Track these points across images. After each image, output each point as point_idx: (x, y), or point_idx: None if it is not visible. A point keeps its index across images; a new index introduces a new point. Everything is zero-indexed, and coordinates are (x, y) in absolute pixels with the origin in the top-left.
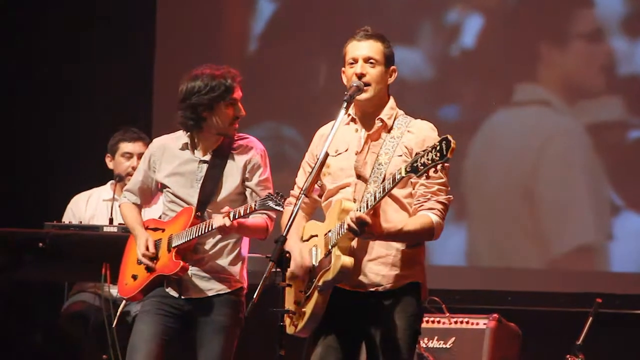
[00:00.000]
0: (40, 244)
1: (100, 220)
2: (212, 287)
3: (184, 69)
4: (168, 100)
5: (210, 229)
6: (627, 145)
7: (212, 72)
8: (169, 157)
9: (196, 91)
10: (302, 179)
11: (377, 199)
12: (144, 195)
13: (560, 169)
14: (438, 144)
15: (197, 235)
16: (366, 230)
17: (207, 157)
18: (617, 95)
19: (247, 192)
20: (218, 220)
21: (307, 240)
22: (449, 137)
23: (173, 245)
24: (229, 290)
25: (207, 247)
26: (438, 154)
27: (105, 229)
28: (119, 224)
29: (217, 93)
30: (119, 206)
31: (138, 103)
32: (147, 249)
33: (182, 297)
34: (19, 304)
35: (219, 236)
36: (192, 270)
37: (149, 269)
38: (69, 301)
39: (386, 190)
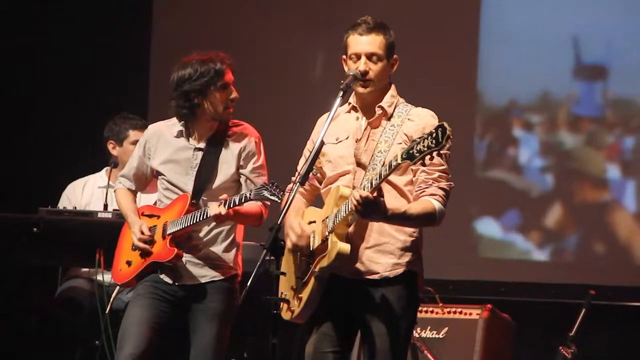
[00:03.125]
0: (35, 229)
1: (96, 208)
2: (206, 274)
3: (180, 53)
4: (164, 85)
5: (205, 217)
6: None
7: (200, 58)
8: (164, 144)
9: (187, 78)
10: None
11: (374, 185)
12: (139, 181)
13: None
14: (434, 130)
15: (192, 222)
16: (370, 209)
17: (202, 145)
18: None
19: (242, 180)
20: (214, 208)
21: None
22: (445, 125)
23: (168, 232)
24: (223, 277)
25: (201, 234)
26: (434, 141)
27: (99, 215)
28: (114, 209)
29: (207, 78)
30: (114, 192)
31: (133, 89)
32: (143, 233)
33: (176, 284)
34: (12, 289)
35: (213, 223)
36: (186, 257)
37: (143, 255)
38: (62, 286)
39: (382, 177)
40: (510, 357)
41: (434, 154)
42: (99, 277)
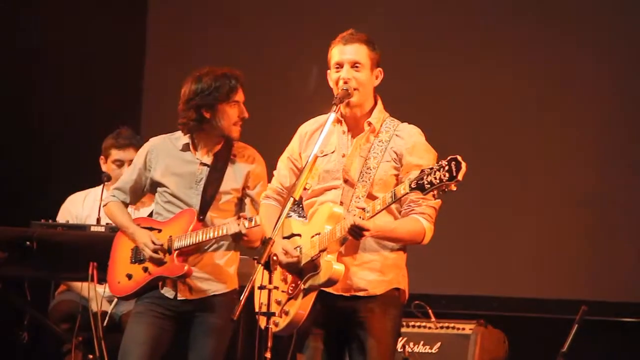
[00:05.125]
0: (27, 243)
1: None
2: (209, 288)
3: (175, 69)
4: (157, 100)
5: (221, 234)
6: None
7: (215, 73)
8: (167, 157)
9: (200, 92)
10: (283, 172)
11: (377, 211)
12: (135, 194)
13: None
14: (446, 164)
15: (204, 239)
16: (363, 234)
17: (208, 160)
18: None
19: (247, 200)
20: (233, 226)
21: (288, 237)
22: (459, 158)
23: (175, 247)
24: (226, 291)
25: (205, 247)
26: (447, 174)
27: (92, 229)
28: (107, 223)
29: (220, 93)
30: (106, 204)
31: (127, 102)
32: (154, 243)
33: (178, 298)
34: (5, 302)
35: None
36: None
37: (147, 269)
38: (55, 300)
39: (387, 205)
40: None
41: (452, 186)
42: (92, 291)
